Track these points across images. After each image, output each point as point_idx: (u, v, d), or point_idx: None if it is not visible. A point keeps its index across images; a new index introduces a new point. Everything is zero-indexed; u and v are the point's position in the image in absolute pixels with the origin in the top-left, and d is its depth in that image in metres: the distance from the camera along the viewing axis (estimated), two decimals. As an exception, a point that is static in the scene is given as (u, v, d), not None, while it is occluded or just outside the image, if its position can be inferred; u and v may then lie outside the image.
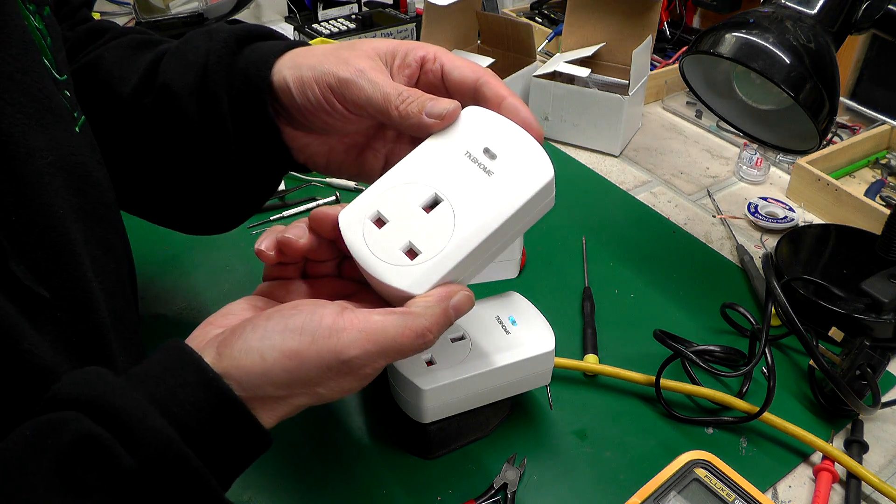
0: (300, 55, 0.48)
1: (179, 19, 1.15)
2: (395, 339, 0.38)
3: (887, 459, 0.58)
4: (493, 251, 0.43)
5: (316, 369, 0.37)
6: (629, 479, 0.54)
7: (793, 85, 0.58)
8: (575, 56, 1.01)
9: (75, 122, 0.46)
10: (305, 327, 0.37)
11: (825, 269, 0.74)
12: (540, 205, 0.43)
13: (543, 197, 0.43)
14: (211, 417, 0.36)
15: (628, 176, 0.93)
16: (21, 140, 0.40)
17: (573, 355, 0.64)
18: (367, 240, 0.41)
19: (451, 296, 0.40)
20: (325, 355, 0.37)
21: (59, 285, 0.41)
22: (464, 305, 0.41)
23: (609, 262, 0.77)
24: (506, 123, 0.44)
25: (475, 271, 0.43)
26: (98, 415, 0.34)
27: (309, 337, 0.37)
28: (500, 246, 0.44)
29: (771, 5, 0.62)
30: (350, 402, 0.60)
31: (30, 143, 0.40)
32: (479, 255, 0.42)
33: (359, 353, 0.37)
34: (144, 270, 0.63)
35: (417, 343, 0.38)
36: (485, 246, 0.41)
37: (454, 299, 0.40)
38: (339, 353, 0.37)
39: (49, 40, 0.45)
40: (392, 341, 0.38)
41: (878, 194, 0.88)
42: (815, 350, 0.58)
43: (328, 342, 0.37)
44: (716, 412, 0.60)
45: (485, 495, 0.52)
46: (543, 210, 0.44)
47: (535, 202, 0.42)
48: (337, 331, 0.37)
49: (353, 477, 0.54)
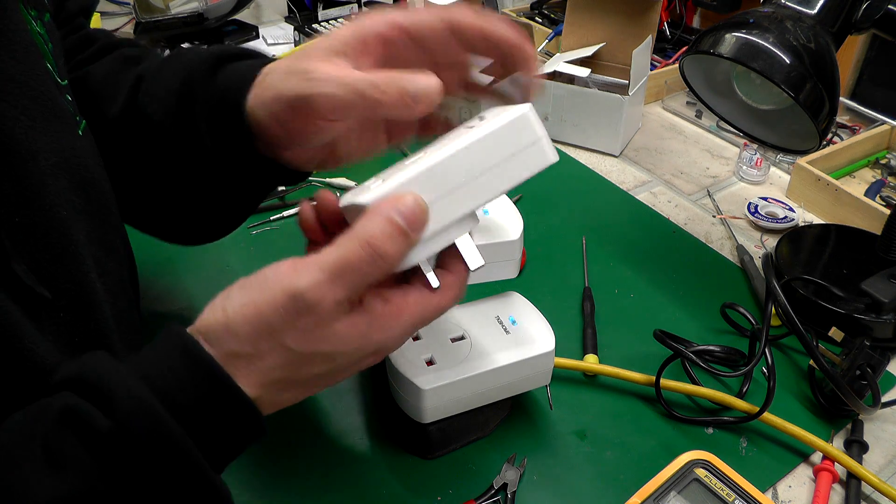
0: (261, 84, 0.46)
1: (179, 19, 1.15)
2: (341, 259, 0.36)
3: (887, 459, 0.58)
4: (462, 185, 0.40)
5: (273, 312, 0.36)
6: (629, 479, 0.54)
7: (793, 85, 0.58)
8: (575, 56, 1.01)
9: (77, 125, 0.46)
10: (260, 276, 0.38)
11: (825, 269, 0.74)
12: (518, 143, 0.41)
13: (519, 135, 0.40)
14: (191, 384, 0.36)
15: (628, 176, 0.93)
16: (24, 142, 0.40)
17: (573, 355, 0.64)
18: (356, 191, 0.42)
19: (395, 203, 0.38)
20: (278, 295, 0.36)
21: (60, 286, 0.41)
22: (408, 208, 0.38)
23: (609, 262, 0.77)
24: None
25: (445, 209, 0.40)
26: (82, 388, 0.35)
27: (263, 283, 0.37)
28: (469, 180, 0.40)
29: (771, 5, 0.62)
30: (350, 402, 0.60)
31: (33, 145, 0.41)
32: (440, 180, 0.40)
33: (308, 283, 0.36)
34: (144, 270, 0.62)
35: (367, 257, 0.36)
36: (445, 168, 0.39)
37: (393, 203, 0.38)
38: (288, 289, 0.36)
39: (50, 45, 0.46)
40: (339, 262, 0.36)
41: (878, 194, 0.88)
42: (815, 350, 0.58)
43: (281, 283, 0.37)
44: (716, 412, 0.60)
45: (485, 495, 0.52)
46: (530, 156, 0.41)
47: (507, 134, 0.40)
48: (287, 272, 0.37)
49: (354, 477, 0.54)
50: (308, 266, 0.37)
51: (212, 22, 1.16)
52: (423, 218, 0.39)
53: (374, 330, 0.39)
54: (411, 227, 0.38)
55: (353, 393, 0.61)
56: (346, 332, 0.38)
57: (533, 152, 0.41)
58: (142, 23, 1.16)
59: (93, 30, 0.61)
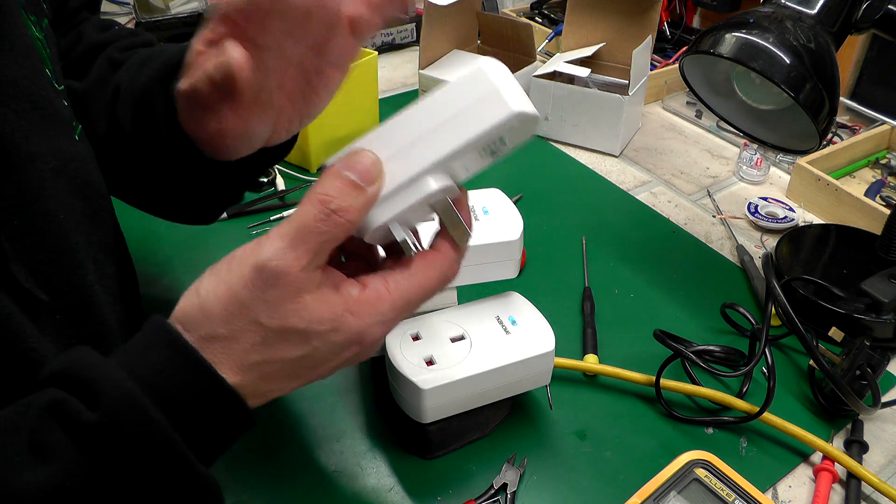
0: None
1: (179, 19, 1.15)
2: (298, 223, 0.36)
3: (887, 459, 0.58)
4: (417, 147, 0.39)
5: (242, 288, 0.36)
6: (629, 479, 0.54)
7: (793, 85, 0.58)
8: (575, 56, 1.01)
9: (74, 130, 0.46)
10: (231, 257, 0.38)
11: (825, 269, 0.74)
12: (471, 95, 0.38)
13: (474, 87, 0.38)
14: (174, 374, 0.36)
15: (628, 176, 0.93)
16: (23, 145, 0.40)
17: (573, 355, 0.64)
18: None
19: (346, 160, 0.38)
20: (245, 271, 0.36)
21: (58, 288, 0.41)
22: (359, 163, 0.37)
23: (609, 262, 0.77)
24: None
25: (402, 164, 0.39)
26: (67, 382, 0.35)
27: (232, 262, 0.37)
28: (424, 142, 0.39)
29: (771, 5, 0.62)
30: (350, 402, 0.60)
31: (32, 148, 0.41)
32: (392, 140, 0.39)
33: (270, 253, 0.36)
34: (144, 270, 0.63)
35: (321, 214, 0.36)
36: (396, 128, 0.39)
37: (349, 160, 0.38)
38: (254, 263, 0.36)
39: (48, 51, 0.46)
40: (296, 225, 0.36)
41: (878, 194, 0.88)
42: (815, 350, 0.58)
43: (246, 259, 0.37)
44: (716, 412, 0.60)
45: (485, 495, 0.52)
46: (488, 112, 0.38)
47: (460, 89, 0.38)
48: (253, 247, 0.37)
49: (354, 477, 0.54)
50: (269, 237, 0.37)
51: (212, 22, 1.16)
52: (375, 170, 0.38)
53: (350, 313, 0.38)
54: (363, 179, 0.37)
55: (353, 393, 0.61)
56: (317, 305, 0.37)
57: (492, 102, 0.38)
58: (142, 23, 1.16)
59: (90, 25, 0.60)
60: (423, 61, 0.97)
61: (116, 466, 0.34)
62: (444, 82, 0.39)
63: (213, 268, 0.38)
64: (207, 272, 0.38)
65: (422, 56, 0.97)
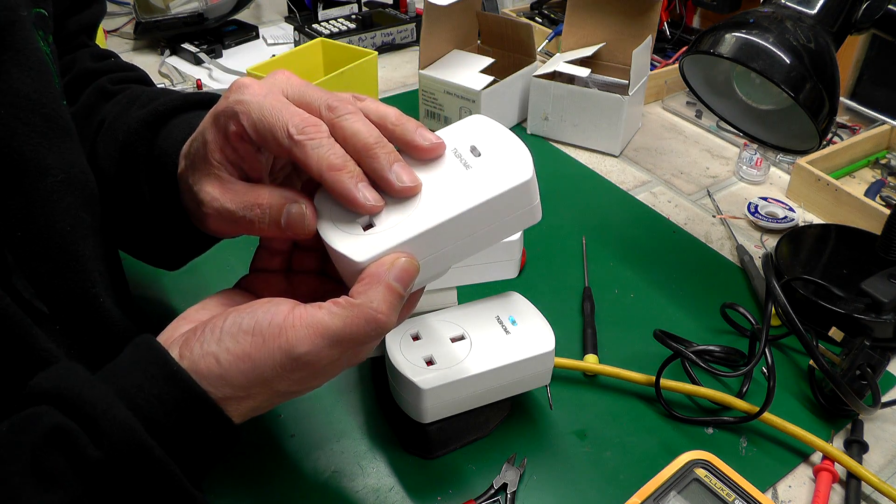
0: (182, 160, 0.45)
1: (179, 19, 1.15)
2: (345, 330, 0.37)
3: (887, 459, 0.58)
4: (456, 246, 0.41)
5: (270, 369, 0.37)
6: (629, 479, 0.54)
7: (793, 85, 0.58)
8: (575, 56, 1.01)
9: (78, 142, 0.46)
10: (256, 328, 0.37)
11: (825, 269, 0.74)
12: (516, 208, 0.41)
13: (519, 199, 0.40)
14: (175, 410, 0.36)
15: (628, 176, 0.93)
16: (32, 158, 0.41)
17: (573, 355, 0.64)
18: (332, 215, 0.41)
19: (390, 268, 0.38)
20: (276, 354, 0.37)
21: (61, 299, 0.42)
22: (406, 274, 0.38)
23: (609, 262, 0.77)
24: (502, 130, 0.43)
25: (434, 266, 0.41)
26: (67, 407, 0.35)
27: (260, 338, 0.37)
28: (463, 242, 0.41)
29: (771, 5, 0.62)
30: (350, 402, 0.60)
31: (42, 161, 0.41)
32: (437, 242, 0.40)
33: (309, 349, 0.37)
34: (145, 271, 0.62)
35: (370, 328, 0.37)
36: (443, 231, 0.39)
37: (393, 272, 0.38)
38: (288, 351, 0.37)
39: (55, 66, 0.46)
40: (343, 332, 0.37)
41: (878, 194, 0.88)
42: (815, 350, 0.58)
43: (278, 341, 0.37)
44: (716, 412, 0.60)
45: (485, 495, 0.52)
46: (523, 218, 0.41)
47: (507, 201, 0.40)
48: (286, 329, 0.37)
49: (354, 477, 0.54)
50: (309, 330, 0.37)
51: (212, 22, 1.16)
52: (415, 279, 0.39)
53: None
54: (406, 289, 0.38)
55: (353, 393, 0.61)
56: (333, 365, 0.39)
57: (527, 215, 0.41)
58: (142, 23, 1.16)
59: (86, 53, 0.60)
60: (423, 61, 0.97)
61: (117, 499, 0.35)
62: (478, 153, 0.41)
63: (235, 330, 0.37)
64: (226, 332, 0.38)
65: (422, 56, 0.97)
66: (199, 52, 1.14)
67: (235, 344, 0.37)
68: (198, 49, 1.14)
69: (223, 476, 0.53)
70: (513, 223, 0.41)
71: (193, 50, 1.14)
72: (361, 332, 0.37)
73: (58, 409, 0.35)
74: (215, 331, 0.38)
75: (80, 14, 0.59)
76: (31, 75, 0.42)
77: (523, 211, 0.41)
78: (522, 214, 0.41)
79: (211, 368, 0.37)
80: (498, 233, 0.41)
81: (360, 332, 0.37)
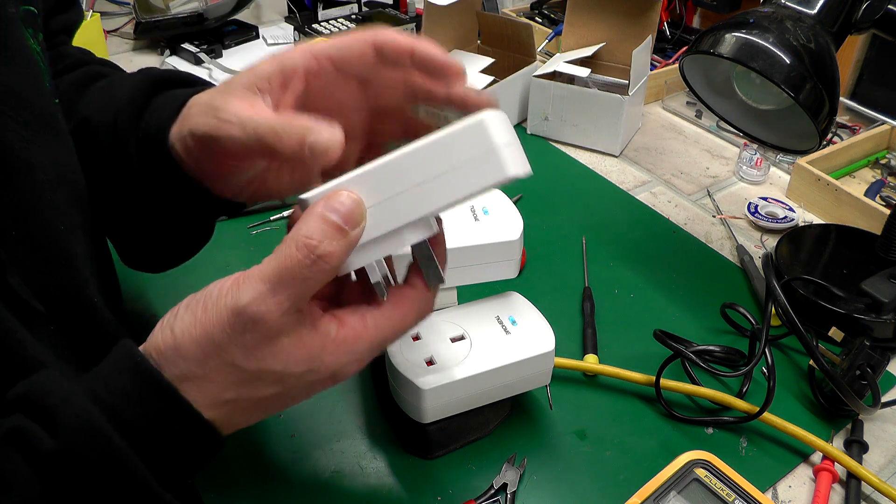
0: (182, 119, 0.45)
1: (179, 19, 1.15)
2: (280, 266, 0.35)
3: (887, 459, 0.58)
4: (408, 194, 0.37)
5: (219, 330, 0.36)
6: (629, 479, 0.54)
7: (793, 85, 0.58)
8: (575, 56, 1.01)
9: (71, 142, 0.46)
10: (207, 295, 0.37)
11: (825, 269, 0.74)
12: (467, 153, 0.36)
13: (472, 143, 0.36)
14: (140, 403, 0.35)
15: (628, 176, 0.93)
16: (23, 155, 0.40)
17: (573, 355, 0.64)
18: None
19: (329, 199, 0.37)
20: (223, 313, 0.36)
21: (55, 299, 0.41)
22: (342, 205, 0.36)
23: (609, 262, 0.77)
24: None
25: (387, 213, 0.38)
26: (29, 407, 0.34)
27: (210, 302, 0.36)
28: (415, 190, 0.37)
29: (771, 5, 0.62)
30: (350, 402, 0.60)
31: (32, 158, 0.41)
32: (383, 183, 0.37)
33: (250, 297, 0.35)
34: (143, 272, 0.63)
35: (305, 259, 0.35)
36: (388, 170, 0.37)
37: (328, 202, 0.37)
38: (232, 306, 0.36)
39: (45, 65, 0.46)
40: (278, 269, 0.35)
41: (878, 194, 0.88)
42: (815, 350, 0.58)
43: (224, 300, 0.36)
44: (716, 412, 0.60)
45: (485, 495, 0.52)
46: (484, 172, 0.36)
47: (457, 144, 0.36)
48: (231, 288, 0.36)
49: (354, 477, 0.54)
50: (249, 279, 0.36)
51: (212, 22, 1.16)
52: (359, 214, 0.37)
53: (327, 353, 0.37)
54: (348, 223, 0.37)
55: (353, 393, 0.61)
56: (295, 349, 0.37)
57: (489, 162, 0.36)
58: (142, 23, 1.16)
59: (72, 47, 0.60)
60: (423, 61, 0.97)
61: (77, 492, 0.34)
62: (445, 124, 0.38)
63: (190, 302, 0.37)
64: (183, 306, 0.37)
65: (422, 56, 0.96)
66: (199, 52, 1.14)
67: (187, 313, 0.37)
68: (198, 49, 1.14)
69: (223, 476, 0.53)
70: (473, 171, 0.36)
71: (193, 50, 1.14)
72: (296, 263, 0.35)
73: (24, 410, 0.34)
74: (172, 310, 0.38)
75: (61, 14, 0.59)
76: (19, 72, 0.41)
77: (481, 155, 0.36)
78: (482, 160, 0.36)
79: (167, 340, 0.36)
80: (456, 182, 0.37)
81: (296, 264, 0.35)
